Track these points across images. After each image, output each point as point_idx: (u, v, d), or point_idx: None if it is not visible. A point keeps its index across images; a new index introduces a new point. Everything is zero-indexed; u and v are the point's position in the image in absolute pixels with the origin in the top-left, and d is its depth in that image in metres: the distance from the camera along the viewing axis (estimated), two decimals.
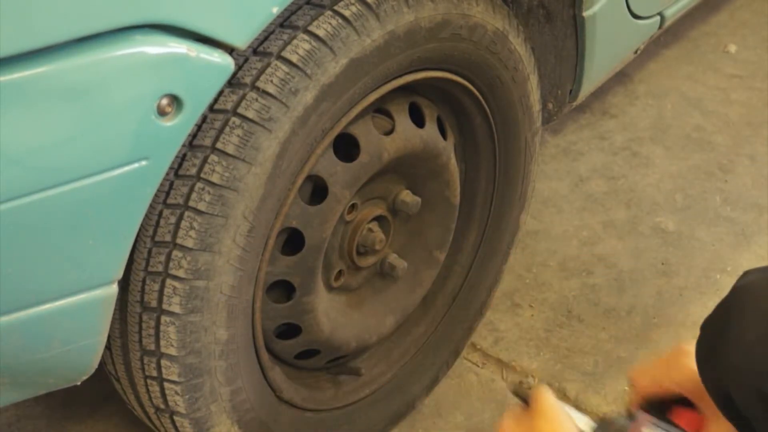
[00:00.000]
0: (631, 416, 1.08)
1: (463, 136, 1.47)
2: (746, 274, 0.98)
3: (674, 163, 2.20)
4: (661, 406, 1.08)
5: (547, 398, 1.04)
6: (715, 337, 0.96)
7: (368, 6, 1.10)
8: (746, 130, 2.32)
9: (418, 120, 1.34)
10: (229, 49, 0.95)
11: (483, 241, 1.57)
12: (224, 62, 0.94)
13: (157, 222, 1.05)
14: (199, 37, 0.91)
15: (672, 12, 1.82)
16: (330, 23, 1.07)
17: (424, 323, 1.56)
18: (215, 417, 1.16)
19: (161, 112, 0.90)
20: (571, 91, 1.61)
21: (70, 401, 1.59)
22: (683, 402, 1.06)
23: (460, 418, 1.61)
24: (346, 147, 1.23)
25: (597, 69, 1.61)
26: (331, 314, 1.34)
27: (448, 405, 1.63)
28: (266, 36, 1.06)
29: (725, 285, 1.70)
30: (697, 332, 1.01)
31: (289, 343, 1.32)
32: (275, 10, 0.97)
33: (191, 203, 1.03)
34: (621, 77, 2.48)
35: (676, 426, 1.06)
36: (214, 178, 1.03)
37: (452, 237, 1.51)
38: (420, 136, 1.32)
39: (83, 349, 1.02)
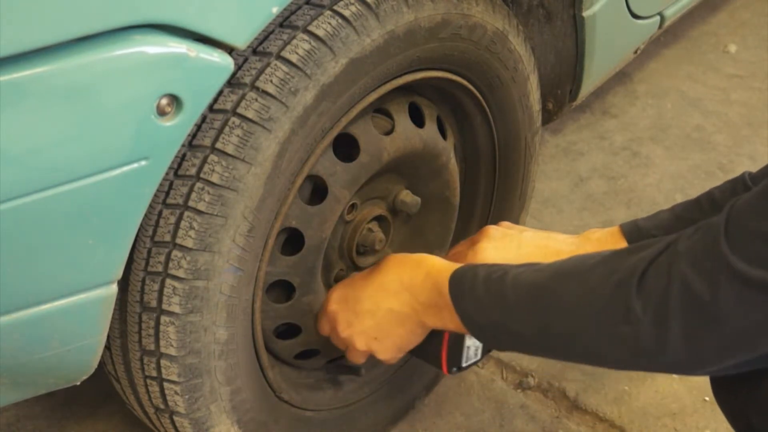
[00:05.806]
0: None
1: (463, 136, 1.47)
2: None
3: (674, 163, 2.20)
4: None
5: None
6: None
7: (368, 6, 1.10)
8: (746, 130, 2.32)
9: (418, 120, 1.34)
10: (229, 49, 0.94)
11: None
12: (224, 62, 0.94)
13: (157, 222, 1.05)
14: (199, 37, 0.91)
15: (672, 12, 1.83)
16: (330, 23, 1.07)
17: None
18: (215, 417, 1.16)
19: (161, 112, 0.90)
20: (571, 91, 1.62)
21: (70, 401, 1.59)
22: None
23: (460, 418, 1.61)
24: (346, 147, 1.23)
25: (597, 69, 1.61)
26: None
27: (448, 405, 1.63)
28: (266, 36, 1.06)
29: None
30: None
31: (289, 343, 1.32)
32: (275, 10, 0.97)
33: (191, 203, 1.03)
34: (621, 77, 2.48)
35: None
36: (214, 178, 1.03)
37: (452, 237, 1.51)
38: (420, 136, 1.32)
39: (83, 349, 1.02)
